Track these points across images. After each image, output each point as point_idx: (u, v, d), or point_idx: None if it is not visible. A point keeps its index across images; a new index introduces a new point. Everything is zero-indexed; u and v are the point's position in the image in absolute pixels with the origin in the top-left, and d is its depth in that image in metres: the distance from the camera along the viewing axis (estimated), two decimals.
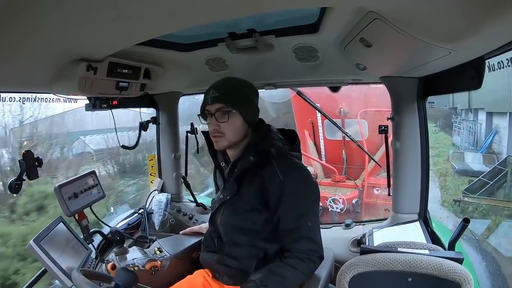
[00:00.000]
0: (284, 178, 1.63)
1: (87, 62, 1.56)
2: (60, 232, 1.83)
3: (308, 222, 1.66)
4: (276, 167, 1.65)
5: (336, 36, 1.74)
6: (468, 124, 11.24)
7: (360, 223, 2.71)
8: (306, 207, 1.68)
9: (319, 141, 7.14)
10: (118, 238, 2.06)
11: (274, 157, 1.67)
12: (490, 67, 1.51)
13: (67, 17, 1.05)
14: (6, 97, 4.17)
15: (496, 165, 9.55)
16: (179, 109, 2.92)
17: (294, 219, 1.65)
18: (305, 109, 6.89)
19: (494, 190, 8.84)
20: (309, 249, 1.64)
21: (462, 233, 1.82)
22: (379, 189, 6.54)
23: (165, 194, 2.85)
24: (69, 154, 11.09)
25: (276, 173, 1.64)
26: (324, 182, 6.84)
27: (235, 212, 1.74)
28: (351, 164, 7.01)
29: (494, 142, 10.28)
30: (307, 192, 1.71)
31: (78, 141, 11.64)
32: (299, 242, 1.65)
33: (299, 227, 1.65)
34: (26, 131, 10.19)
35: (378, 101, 6.50)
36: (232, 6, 1.15)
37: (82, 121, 11.03)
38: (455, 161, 11.43)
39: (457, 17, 1.05)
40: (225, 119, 1.66)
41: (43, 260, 1.63)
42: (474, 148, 11.11)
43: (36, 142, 10.02)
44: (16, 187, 1.75)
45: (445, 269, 1.48)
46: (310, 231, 1.66)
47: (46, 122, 10.21)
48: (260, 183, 1.66)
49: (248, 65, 2.18)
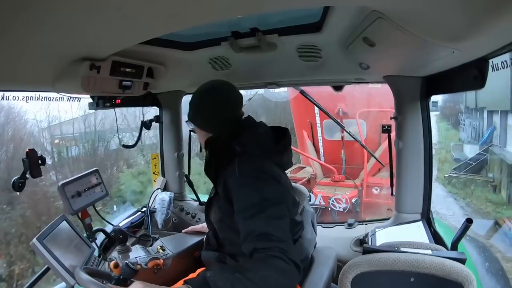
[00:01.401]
0: (239, 175, 1.53)
1: (90, 61, 1.56)
2: (63, 230, 1.84)
3: (261, 218, 1.42)
4: (236, 164, 1.56)
5: (339, 35, 1.74)
6: (471, 121, 13.81)
7: (362, 222, 2.70)
8: (256, 202, 1.46)
9: (317, 141, 7.19)
10: (121, 237, 2.07)
11: (239, 155, 1.60)
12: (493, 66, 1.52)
13: (70, 17, 1.05)
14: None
15: (480, 151, 12.76)
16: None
17: (244, 216, 1.46)
18: (303, 110, 6.95)
19: (476, 169, 12.28)
20: (277, 247, 1.34)
21: (465, 233, 1.82)
22: (378, 188, 6.56)
23: (168, 193, 2.86)
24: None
25: (234, 170, 1.55)
26: (323, 182, 6.87)
27: (221, 208, 1.69)
28: (350, 164, 7.07)
29: (494, 137, 12.60)
30: (258, 188, 1.50)
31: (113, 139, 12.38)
32: (260, 240, 1.40)
33: (250, 225, 1.43)
34: (56, 130, 10.65)
35: (374, 101, 6.55)
36: (235, 5, 1.15)
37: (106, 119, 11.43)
38: (455, 152, 14.54)
39: (460, 16, 1.05)
40: (193, 131, 1.90)
41: (46, 258, 1.64)
42: (476, 142, 13.71)
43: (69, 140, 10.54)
44: (19, 185, 1.76)
45: (448, 269, 1.48)
46: (264, 227, 1.40)
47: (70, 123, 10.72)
48: (224, 181, 1.60)
49: (251, 64, 2.18)
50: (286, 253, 1.30)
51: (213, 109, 1.72)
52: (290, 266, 1.29)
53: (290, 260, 1.29)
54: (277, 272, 1.27)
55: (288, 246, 1.35)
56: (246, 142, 1.64)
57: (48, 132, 12.86)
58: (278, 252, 1.30)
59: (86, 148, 13.48)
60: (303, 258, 1.79)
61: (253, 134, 1.68)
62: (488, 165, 11.86)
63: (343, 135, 6.77)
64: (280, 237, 1.36)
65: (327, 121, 6.86)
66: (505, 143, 11.41)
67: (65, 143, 13.55)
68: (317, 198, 6.44)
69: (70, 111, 12.01)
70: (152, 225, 2.66)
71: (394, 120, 2.28)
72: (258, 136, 1.68)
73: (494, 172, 11.44)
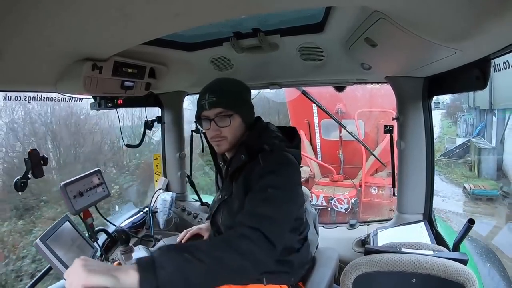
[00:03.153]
0: (263, 164, 1.49)
1: (92, 62, 1.57)
2: (66, 230, 1.85)
3: (269, 208, 1.36)
4: (260, 160, 1.51)
5: (341, 35, 1.74)
6: (466, 118, 16.15)
7: (364, 223, 2.70)
8: (273, 195, 1.41)
9: (315, 141, 7.21)
10: (124, 237, 2.07)
11: (264, 153, 1.55)
12: (495, 67, 1.53)
13: (73, 17, 1.05)
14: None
15: (464, 141, 15.26)
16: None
17: (260, 195, 1.40)
18: (301, 110, 6.97)
19: (460, 155, 14.72)
20: (251, 226, 1.27)
21: (466, 234, 1.81)
22: (376, 188, 6.59)
23: (169, 193, 2.86)
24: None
25: (258, 164, 1.50)
26: (322, 182, 6.88)
27: (231, 212, 1.63)
28: (348, 164, 7.08)
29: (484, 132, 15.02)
30: (281, 181, 1.46)
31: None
32: (245, 216, 1.34)
33: (255, 207, 1.36)
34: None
35: (373, 102, 6.57)
36: (237, 6, 1.15)
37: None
38: (447, 144, 16.78)
39: (462, 17, 1.05)
40: (226, 123, 1.59)
41: (49, 258, 1.65)
42: (469, 136, 15.78)
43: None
44: (21, 185, 1.76)
45: (449, 270, 1.48)
46: (265, 215, 1.33)
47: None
48: (244, 179, 1.55)
49: (253, 65, 2.18)
50: (266, 231, 1.24)
51: (250, 97, 1.72)
52: (257, 247, 1.22)
53: (266, 239, 1.22)
54: (236, 253, 1.18)
55: (275, 226, 1.28)
56: (271, 141, 1.60)
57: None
58: (251, 231, 1.23)
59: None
60: (308, 260, 1.79)
61: (272, 133, 1.66)
62: (469, 151, 14.59)
63: (341, 135, 6.80)
64: (274, 218, 1.31)
65: (325, 120, 6.89)
66: (490, 136, 13.91)
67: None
68: (319, 199, 6.45)
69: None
70: (153, 226, 2.66)
71: (396, 121, 2.28)
72: (276, 135, 1.66)
73: (471, 156, 14.24)
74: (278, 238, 1.26)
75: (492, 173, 11.98)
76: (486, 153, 12.47)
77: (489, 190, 10.77)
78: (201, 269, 1.12)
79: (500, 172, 12.05)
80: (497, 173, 12.10)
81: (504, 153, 12.02)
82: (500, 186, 11.18)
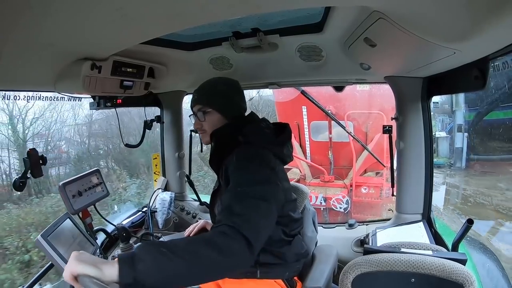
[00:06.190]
0: (236, 159, 1.56)
1: (91, 61, 1.57)
2: (66, 228, 1.86)
3: (240, 205, 1.36)
4: (234, 155, 1.58)
5: (340, 35, 1.74)
6: (442, 118, 17.32)
7: (363, 223, 2.70)
8: (243, 182, 1.46)
9: (304, 142, 7.22)
10: (124, 235, 2.08)
11: (240, 148, 1.63)
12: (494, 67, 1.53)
13: (72, 17, 1.05)
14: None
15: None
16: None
17: (232, 193, 1.43)
18: (290, 112, 6.97)
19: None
20: (227, 223, 1.28)
21: (465, 234, 1.81)
22: (367, 188, 6.66)
23: (168, 193, 2.86)
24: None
25: (233, 157, 1.57)
26: (313, 182, 6.91)
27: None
28: (337, 165, 7.10)
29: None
30: (248, 168, 1.52)
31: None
32: (221, 213, 1.37)
33: (229, 205, 1.38)
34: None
35: (363, 103, 6.61)
36: (236, 5, 1.15)
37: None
38: None
39: (461, 17, 1.04)
40: (203, 119, 1.77)
41: (50, 254, 1.66)
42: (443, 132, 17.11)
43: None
44: (20, 185, 1.76)
45: (448, 270, 1.48)
46: (237, 213, 1.33)
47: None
48: (224, 171, 1.61)
49: (252, 64, 2.18)
50: (240, 228, 1.24)
51: (234, 93, 1.82)
52: (234, 243, 1.22)
53: (242, 236, 1.23)
54: (212, 249, 1.19)
55: (248, 223, 1.28)
56: (248, 133, 1.68)
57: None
58: (227, 228, 1.25)
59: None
60: (303, 253, 1.79)
61: (256, 127, 1.73)
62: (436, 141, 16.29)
63: (331, 136, 6.85)
64: (245, 214, 1.31)
65: (314, 122, 6.91)
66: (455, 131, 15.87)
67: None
68: (318, 199, 6.46)
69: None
70: (152, 225, 2.66)
71: (395, 121, 2.28)
72: (259, 129, 1.72)
73: (435, 144, 15.85)
74: (253, 234, 1.26)
75: (446, 153, 15.01)
76: (442, 140, 15.56)
77: (438, 161, 13.71)
78: (178, 262, 1.15)
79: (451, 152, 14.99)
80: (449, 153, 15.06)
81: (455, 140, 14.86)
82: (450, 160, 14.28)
